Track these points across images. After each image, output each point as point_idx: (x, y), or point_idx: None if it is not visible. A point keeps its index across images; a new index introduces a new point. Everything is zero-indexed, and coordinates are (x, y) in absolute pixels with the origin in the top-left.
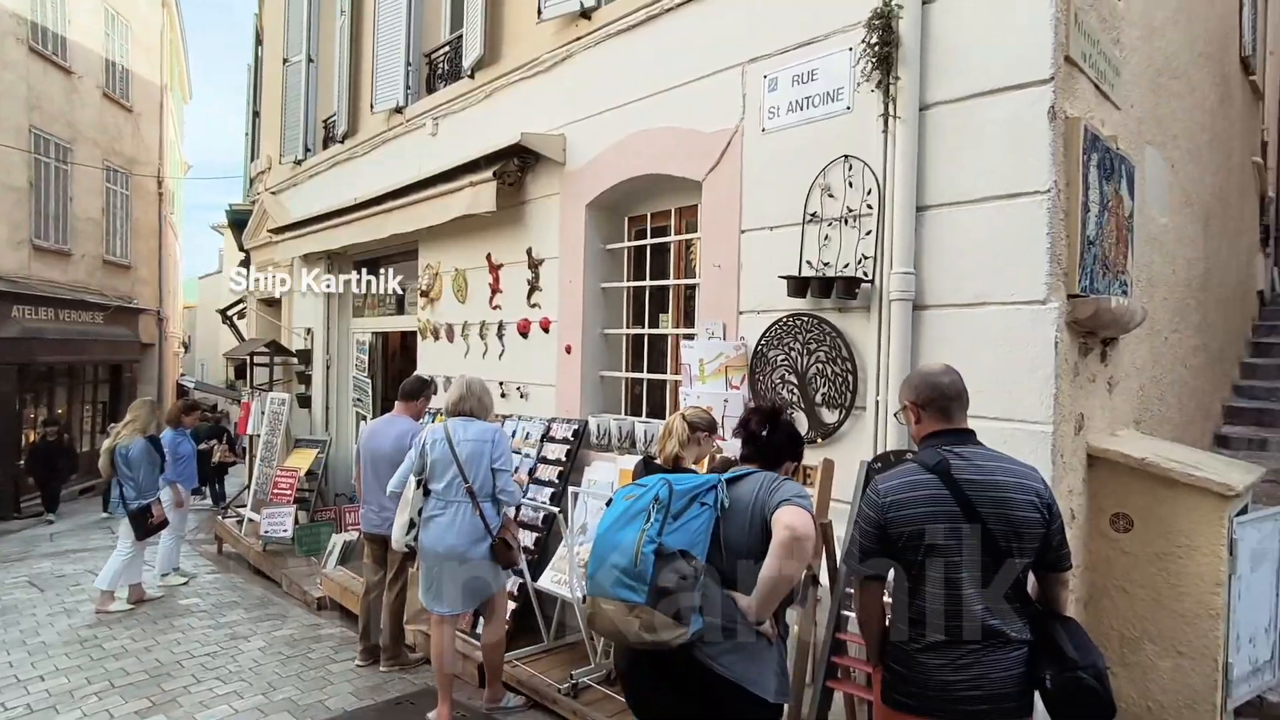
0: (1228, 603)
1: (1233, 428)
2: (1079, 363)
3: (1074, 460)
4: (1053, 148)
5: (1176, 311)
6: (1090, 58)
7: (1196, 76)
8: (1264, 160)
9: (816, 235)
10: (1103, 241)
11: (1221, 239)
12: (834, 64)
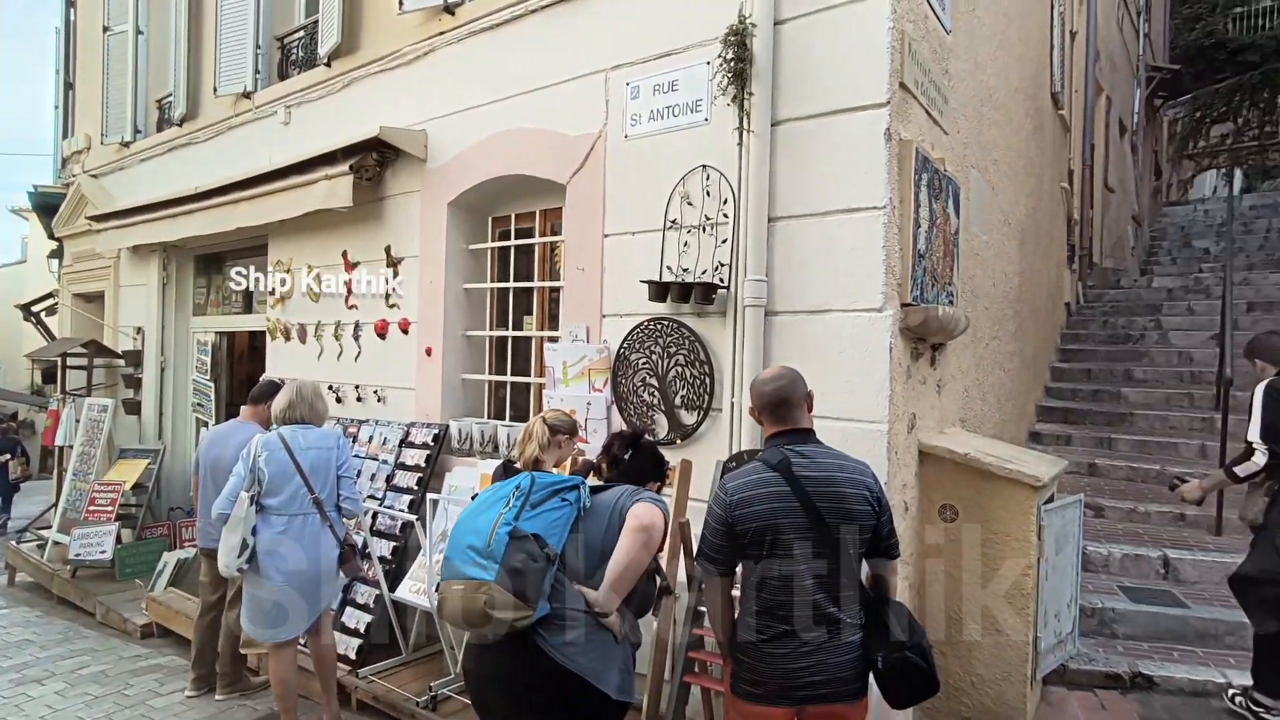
0: (1037, 583)
1: (1044, 425)
2: (911, 366)
3: (907, 456)
4: (888, 167)
5: (996, 320)
6: (922, 85)
7: (1014, 108)
8: (1070, 186)
9: (677, 241)
10: (932, 255)
11: (1035, 255)
12: (693, 76)
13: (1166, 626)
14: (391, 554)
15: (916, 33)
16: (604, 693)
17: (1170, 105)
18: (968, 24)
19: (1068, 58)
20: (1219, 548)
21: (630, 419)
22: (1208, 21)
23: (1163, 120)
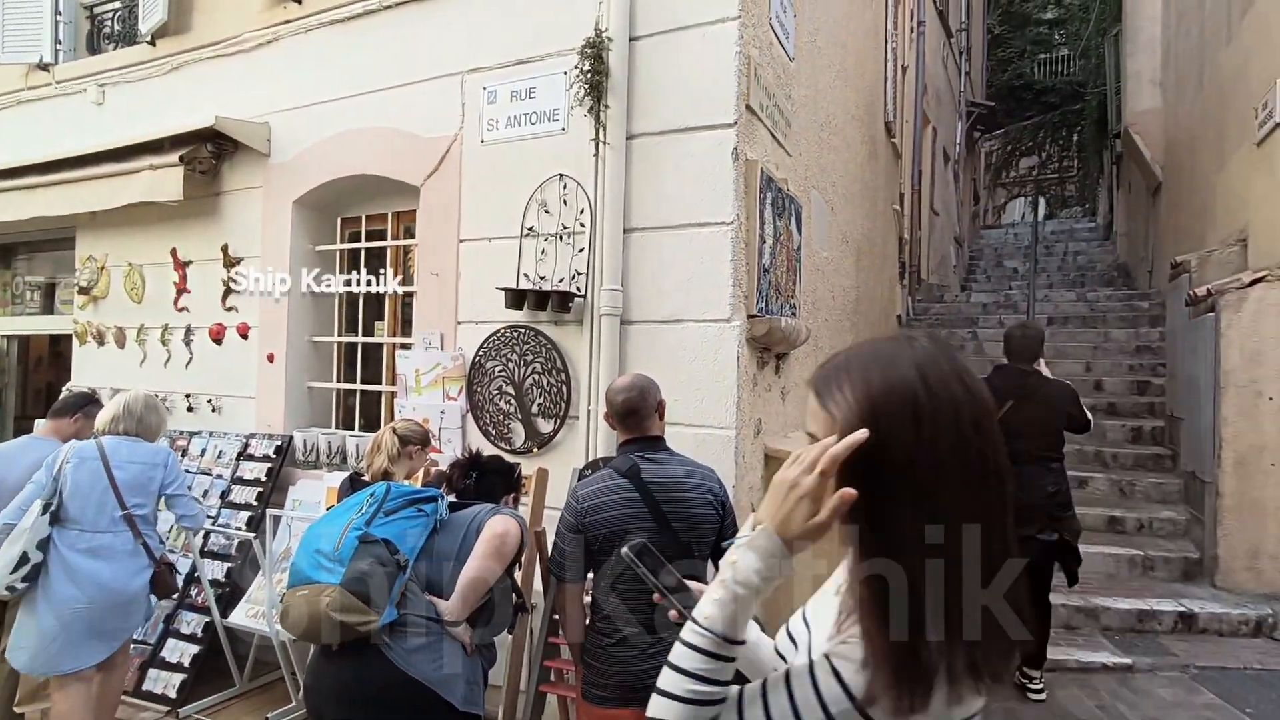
0: None
1: None
2: (757, 375)
3: (754, 460)
4: (736, 185)
5: (836, 331)
6: (767, 109)
7: (851, 135)
8: (901, 208)
9: (534, 249)
10: (776, 269)
11: (870, 271)
12: (551, 85)
13: None
14: (226, 576)
15: (762, 58)
16: (449, 703)
17: (987, 138)
18: (809, 53)
19: (899, 90)
20: None
21: (486, 428)
22: (1018, 65)
23: (980, 151)
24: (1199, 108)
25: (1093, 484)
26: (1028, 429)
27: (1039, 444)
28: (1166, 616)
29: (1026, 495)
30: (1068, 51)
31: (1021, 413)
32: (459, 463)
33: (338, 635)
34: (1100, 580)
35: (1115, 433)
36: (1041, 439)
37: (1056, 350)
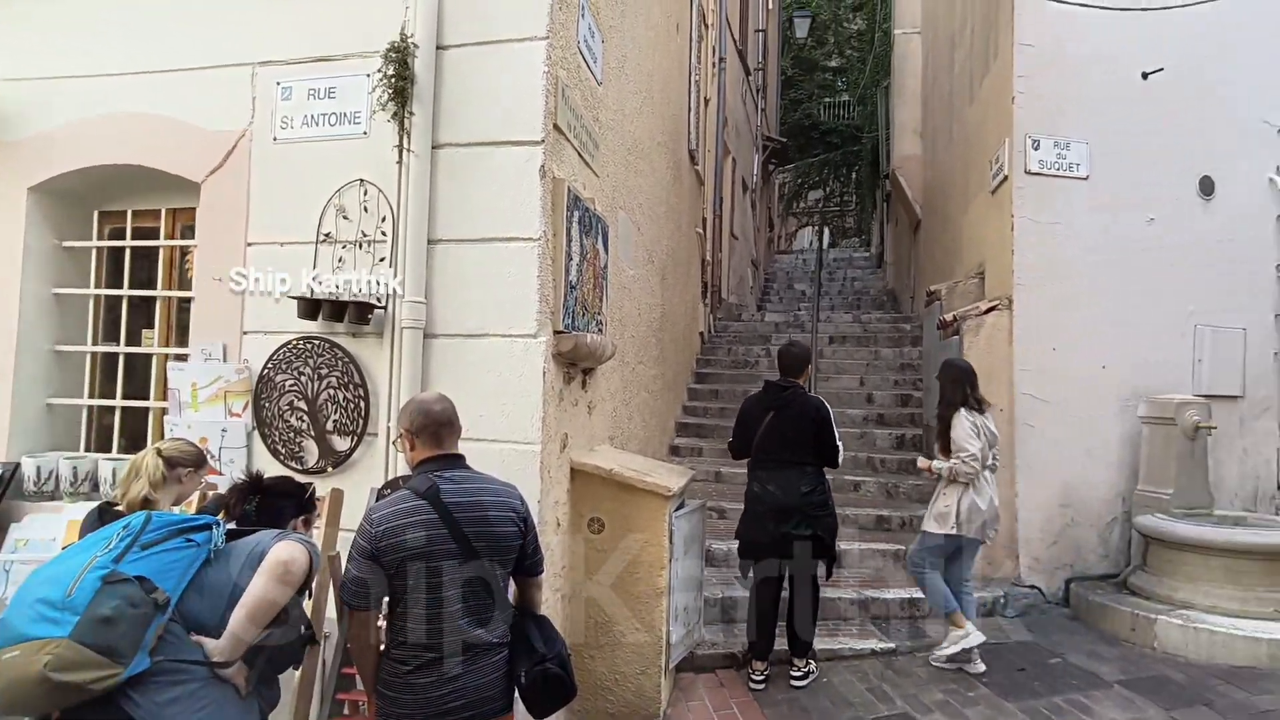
0: (669, 582)
1: (682, 439)
2: (563, 390)
3: (560, 474)
4: (543, 202)
5: (641, 346)
6: (575, 129)
7: (657, 159)
8: (704, 232)
9: (331, 256)
10: (583, 286)
11: (674, 290)
12: (352, 86)
13: None
14: None
15: (570, 80)
16: None
17: (780, 170)
18: (617, 78)
19: (702, 121)
20: None
21: (275, 446)
22: (807, 106)
23: (775, 182)
24: (950, 157)
25: (864, 487)
26: (786, 437)
27: (796, 450)
28: (924, 603)
29: (786, 496)
30: (848, 98)
31: (782, 422)
32: (238, 486)
33: (58, 702)
34: (871, 574)
35: (884, 440)
36: (798, 446)
37: (836, 367)
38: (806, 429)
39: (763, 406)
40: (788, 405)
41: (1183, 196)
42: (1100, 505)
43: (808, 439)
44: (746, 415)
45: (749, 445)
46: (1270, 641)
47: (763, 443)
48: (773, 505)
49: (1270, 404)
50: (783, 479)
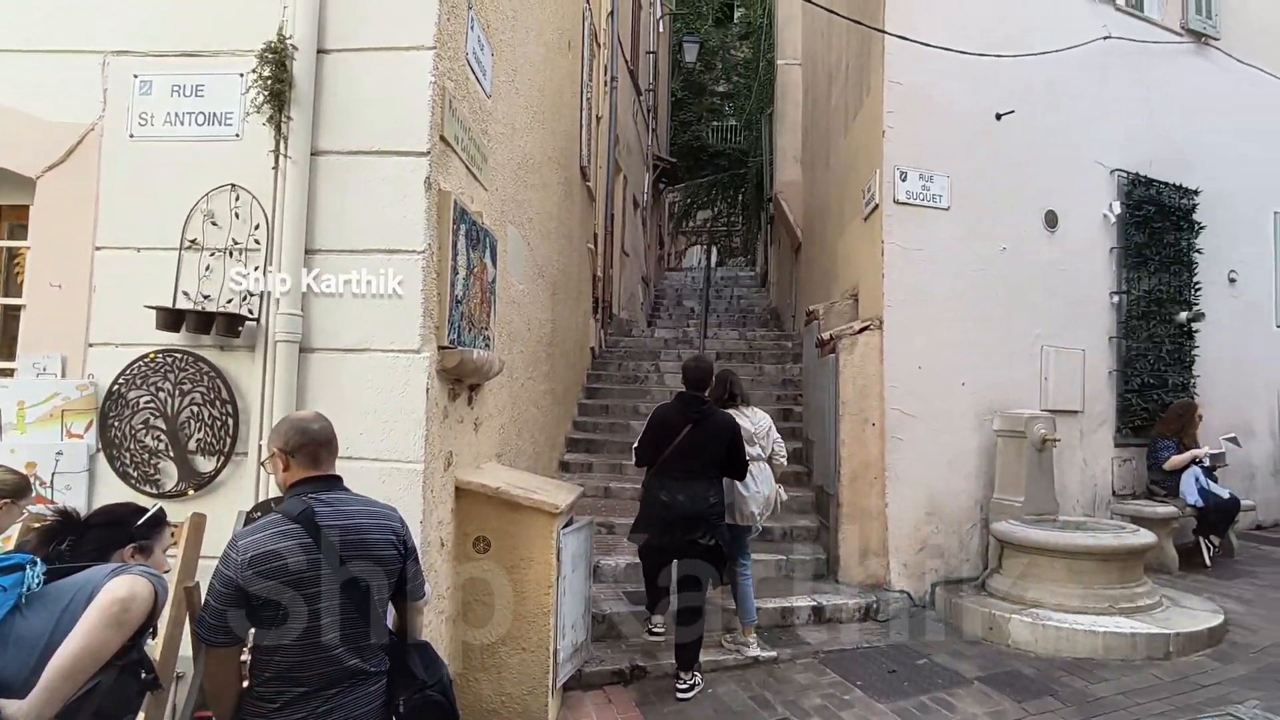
0: (557, 600)
1: (572, 455)
2: (449, 406)
3: (444, 493)
4: (428, 214)
5: (531, 362)
6: (462, 141)
7: (549, 175)
8: (595, 248)
9: (197, 264)
10: (469, 301)
11: (565, 305)
12: (223, 86)
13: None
14: None
15: (458, 92)
16: None
17: (671, 190)
18: (508, 93)
19: (594, 138)
20: None
21: (125, 469)
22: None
23: (665, 201)
24: (827, 184)
25: None
26: (699, 449)
27: (708, 463)
28: (803, 611)
29: (695, 505)
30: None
31: (700, 435)
32: (48, 528)
33: None
34: (755, 584)
35: None
36: (711, 459)
37: None
38: (722, 443)
39: (681, 418)
40: (705, 419)
41: (1031, 228)
42: (961, 513)
43: (721, 452)
44: (662, 425)
45: (659, 454)
46: (1105, 634)
47: (678, 453)
48: (681, 514)
49: (1106, 418)
50: (693, 489)
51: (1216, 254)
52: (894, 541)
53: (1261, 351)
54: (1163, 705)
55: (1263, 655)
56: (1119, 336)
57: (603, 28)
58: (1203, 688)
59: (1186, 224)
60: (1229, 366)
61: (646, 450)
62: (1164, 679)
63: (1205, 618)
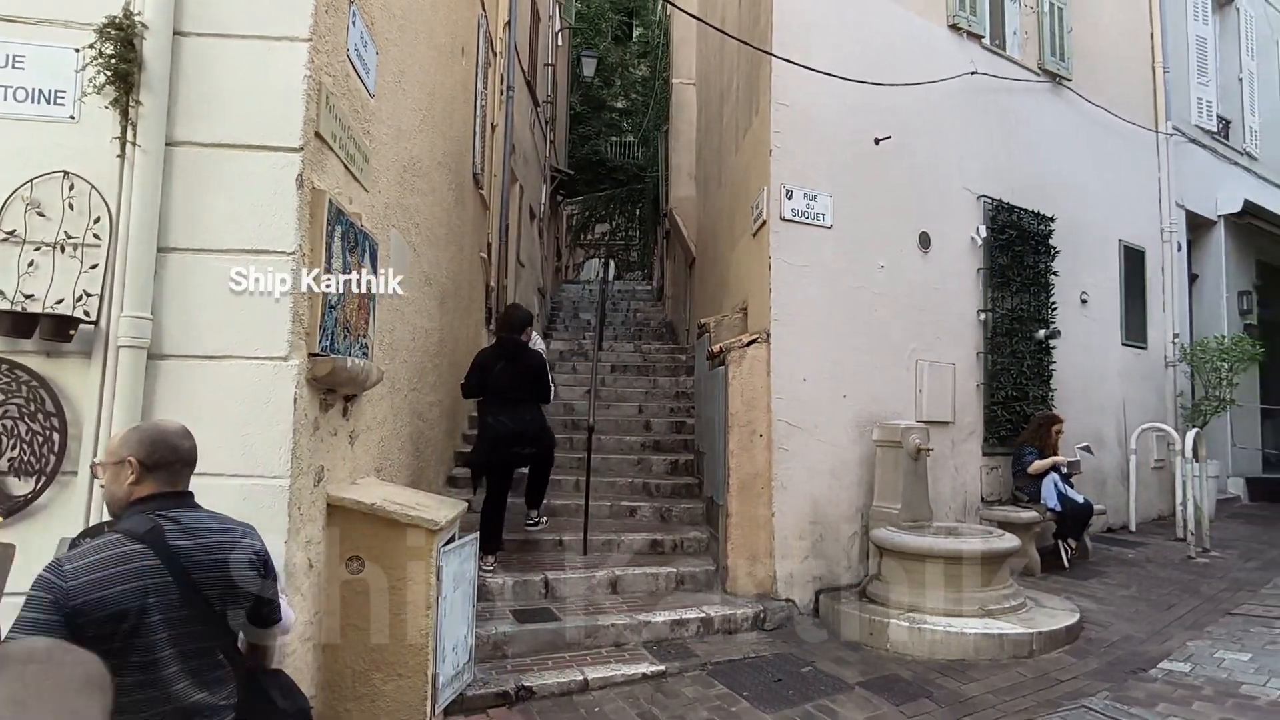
0: (436, 621)
1: (461, 470)
2: (320, 418)
3: (313, 511)
4: (299, 214)
5: (416, 372)
6: (340, 140)
7: (438, 180)
8: (488, 257)
9: (18, 259)
10: (345, 307)
11: (455, 315)
12: (52, 60)
13: (545, 640)
14: None
15: (337, 88)
16: None
17: (569, 202)
18: (394, 94)
19: (488, 145)
20: (585, 565)
21: None
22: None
23: (563, 213)
24: (719, 200)
25: (640, 512)
26: (517, 380)
27: (523, 390)
28: (692, 623)
29: (516, 424)
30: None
31: (514, 369)
32: None
33: None
34: (644, 598)
35: (659, 466)
36: (525, 387)
37: (617, 394)
38: (532, 374)
39: (496, 356)
40: (517, 356)
41: (907, 248)
42: (844, 521)
43: (531, 382)
44: (483, 363)
45: (483, 387)
46: (976, 635)
47: (496, 384)
48: (506, 432)
49: (974, 428)
50: (514, 412)
51: (1070, 277)
52: (780, 550)
53: (1110, 367)
54: (1026, 702)
55: (1112, 649)
56: (985, 352)
57: (499, 36)
58: (1061, 682)
59: (1044, 248)
60: (1082, 380)
61: (470, 383)
62: (1028, 676)
63: (1063, 616)
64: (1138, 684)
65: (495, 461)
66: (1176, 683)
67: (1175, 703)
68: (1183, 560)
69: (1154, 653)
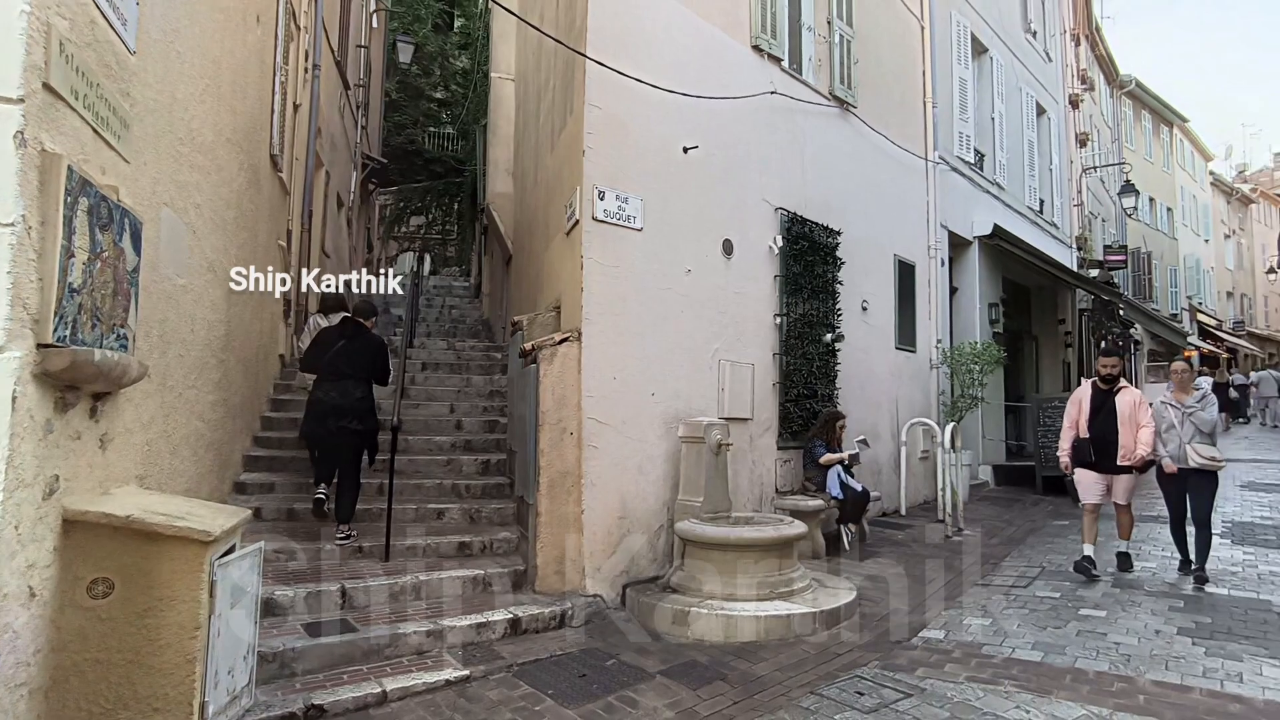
0: (208, 643)
1: (250, 474)
2: (54, 420)
3: (41, 529)
4: (21, 178)
5: (194, 369)
6: (87, 98)
7: (226, 158)
8: (289, 246)
9: None
10: (95, 292)
11: (246, 306)
12: None
13: (340, 653)
14: None
15: (78, 35)
16: None
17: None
18: (164, 55)
19: (289, 126)
20: (387, 571)
21: None
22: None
23: (375, 203)
24: (535, 198)
25: (448, 514)
26: (354, 359)
27: (357, 369)
28: (499, 625)
29: (344, 399)
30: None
31: (352, 348)
32: None
33: None
34: (450, 602)
35: (470, 467)
36: (360, 366)
37: (428, 394)
38: (369, 355)
39: (338, 336)
40: (357, 337)
41: (712, 254)
42: (651, 515)
43: (368, 363)
44: (322, 341)
45: (318, 363)
46: (764, 618)
47: (333, 361)
48: (334, 406)
49: (770, 424)
50: (342, 388)
51: (854, 286)
52: (589, 547)
53: (885, 368)
54: (809, 676)
55: (883, 623)
56: (780, 353)
57: (304, 10)
58: (839, 656)
59: (832, 259)
60: (861, 380)
61: (308, 360)
62: (811, 653)
63: (843, 595)
64: (902, 653)
65: (320, 433)
66: (933, 649)
67: (931, 666)
68: (943, 539)
69: (916, 623)
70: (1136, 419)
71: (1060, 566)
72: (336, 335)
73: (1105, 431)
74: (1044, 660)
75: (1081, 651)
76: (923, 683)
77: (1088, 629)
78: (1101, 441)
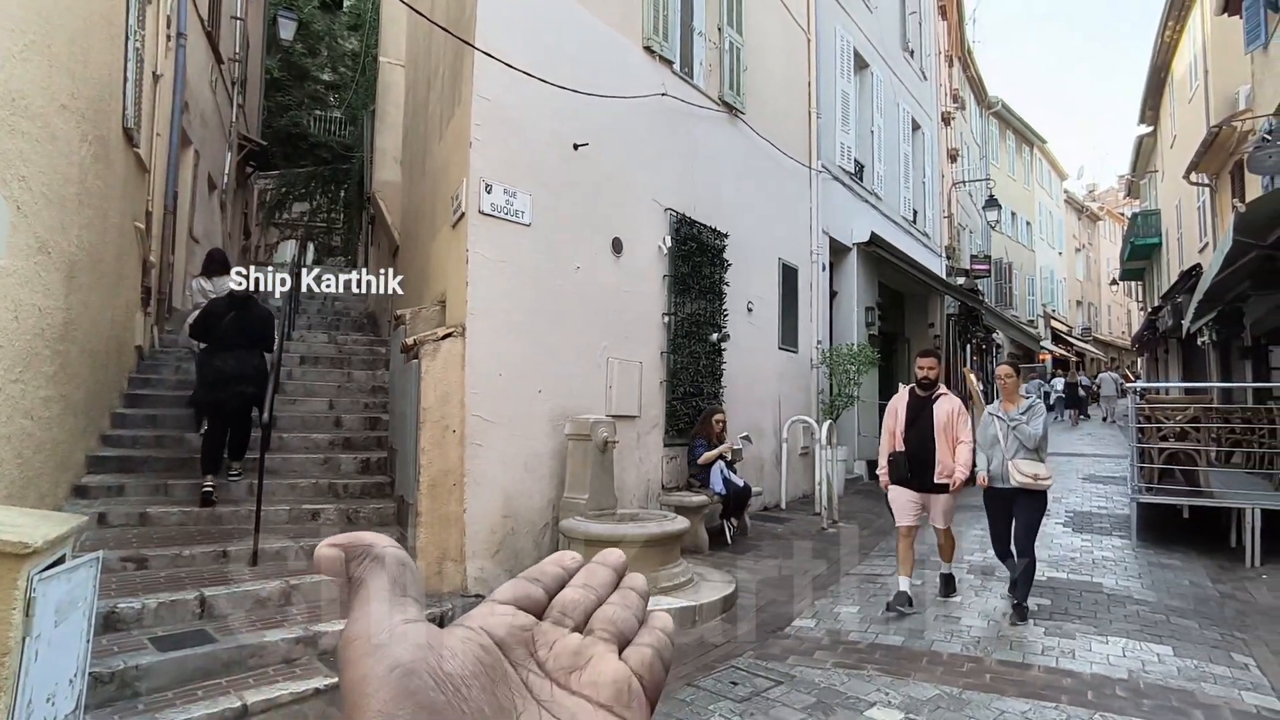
0: (21, 668)
1: (95, 477)
2: None
3: None
4: None
5: (22, 361)
6: None
7: (61, 127)
8: (148, 228)
9: None
10: None
11: (93, 293)
12: None
13: (195, 666)
14: None
15: None
16: None
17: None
18: None
19: (148, 97)
20: (255, 576)
21: None
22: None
23: (254, 187)
24: (422, 188)
25: (324, 515)
26: (245, 329)
27: (249, 339)
28: None
29: (241, 367)
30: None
31: (244, 319)
32: None
33: None
34: (326, 607)
35: (348, 465)
36: (251, 336)
37: (306, 389)
38: (260, 325)
39: (229, 307)
40: (248, 308)
41: (601, 252)
42: (535, 514)
43: (260, 332)
44: (212, 312)
45: (210, 334)
46: None
47: (225, 332)
48: (231, 374)
49: (657, 422)
50: (237, 356)
51: (740, 287)
52: (471, 546)
53: (769, 368)
54: (687, 669)
55: (760, 614)
56: (668, 352)
57: None
58: (717, 647)
59: (719, 261)
60: (747, 379)
61: (197, 329)
62: (690, 645)
63: (723, 588)
64: (776, 642)
65: (216, 400)
66: (804, 637)
67: (802, 654)
68: (819, 531)
69: (790, 613)
70: (955, 432)
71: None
72: (228, 305)
73: (923, 442)
74: (904, 644)
75: (938, 635)
76: (793, 670)
77: (944, 613)
78: (918, 456)
